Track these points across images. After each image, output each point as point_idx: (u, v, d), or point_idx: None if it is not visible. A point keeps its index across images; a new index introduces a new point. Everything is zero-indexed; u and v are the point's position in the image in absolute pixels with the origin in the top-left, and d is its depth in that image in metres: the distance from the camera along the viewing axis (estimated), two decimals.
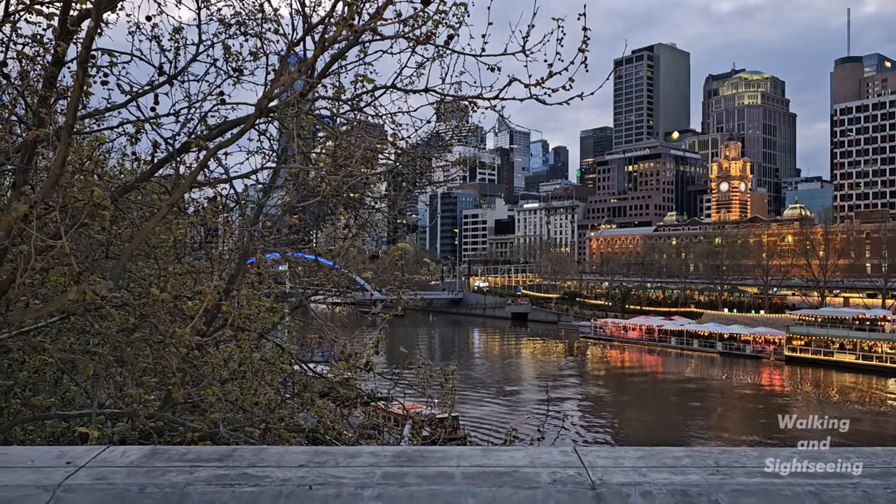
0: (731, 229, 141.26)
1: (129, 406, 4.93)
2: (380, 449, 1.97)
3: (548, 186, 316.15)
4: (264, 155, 5.51)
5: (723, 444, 43.77)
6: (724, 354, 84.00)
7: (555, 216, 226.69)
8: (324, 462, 1.80)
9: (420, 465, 1.81)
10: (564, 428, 42.81)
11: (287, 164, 6.61)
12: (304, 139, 6.22)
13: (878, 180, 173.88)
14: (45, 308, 4.09)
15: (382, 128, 6.69)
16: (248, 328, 6.31)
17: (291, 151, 6.40)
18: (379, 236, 7.96)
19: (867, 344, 73.24)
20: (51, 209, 3.77)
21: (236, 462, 1.80)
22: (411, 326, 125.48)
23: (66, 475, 1.73)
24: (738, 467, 1.85)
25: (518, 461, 1.85)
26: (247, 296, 5.75)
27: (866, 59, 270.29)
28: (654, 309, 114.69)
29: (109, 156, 7.40)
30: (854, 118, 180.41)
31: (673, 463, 1.86)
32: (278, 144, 6.65)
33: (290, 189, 8.03)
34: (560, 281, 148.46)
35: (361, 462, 1.81)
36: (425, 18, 3.85)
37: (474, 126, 10.70)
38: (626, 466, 1.84)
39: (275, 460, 1.83)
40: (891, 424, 51.11)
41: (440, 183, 8.86)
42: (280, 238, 9.50)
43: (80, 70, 3.09)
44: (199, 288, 5.97)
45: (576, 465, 1.84)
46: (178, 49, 5.80)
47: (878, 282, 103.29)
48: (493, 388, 62.36)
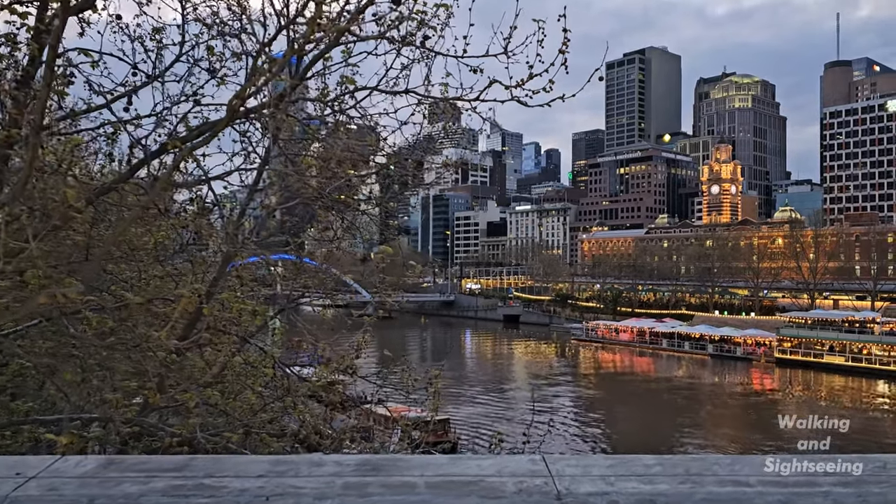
0: (721, 232, 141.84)
1: (106, 411, 4.86)
2: (344, 458, 1.92)
3: (540, 188, 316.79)
4: (245, 157, 5.45)
5: (713, 446, 43.89)
6: (714, 356, 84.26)
7: (547, 218, 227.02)
8: (284, 472, 1.75)
9: (384, 474, 1.76)
10: (552, 430, 42.82)
11: (269, 166, 6.55)
12: (286, 141, 6.16)
13: (867, 183, 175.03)
14: (18, 311, 4.02)
15: (373, 130, 6.65)
16: (230, 331, 6.25)
17: (275, 153, 6.34)
18: (367, 238, 7.89)
19: (856, 346, 73.62)
20: (25, 212, 3.70)
21: (193, 472, 1.75)
22: (403, 329, 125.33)
23: (14, 487, 1.66)
24: (708, 475, 1.81)
25: (485, 470, 1.81)
26: (228, 299, 5.68)
27: (856, 63, 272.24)
28: (646, 311, 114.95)
29: (95, 158, 7.31)
30: (843, 121, 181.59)
31: (643, 471, 1.82)
32: (261, 147, 6.59)
33: (275, 191, 7.98)
34: (552, 283, 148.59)
35: (323, 472, 1.76)
36: (401, 18, 3.81)
37: (466, 129, 10.68)
38: (594, 475, 1.79)
39: (233, 470, 1.77)
40: (880, 426, 51.38)
41: (429, 185, 8.84)
42: (263, 241, 9.42)
43: (47, 70, 3.03)
44: (178, 291, 5.90)
45: (543, 474, 1.79)
46: (160, 50, 5.74)
47: (867, 284, 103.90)
48: (484, 389, 62.31)
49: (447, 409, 47.36)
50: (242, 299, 6.09)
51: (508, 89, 4.18)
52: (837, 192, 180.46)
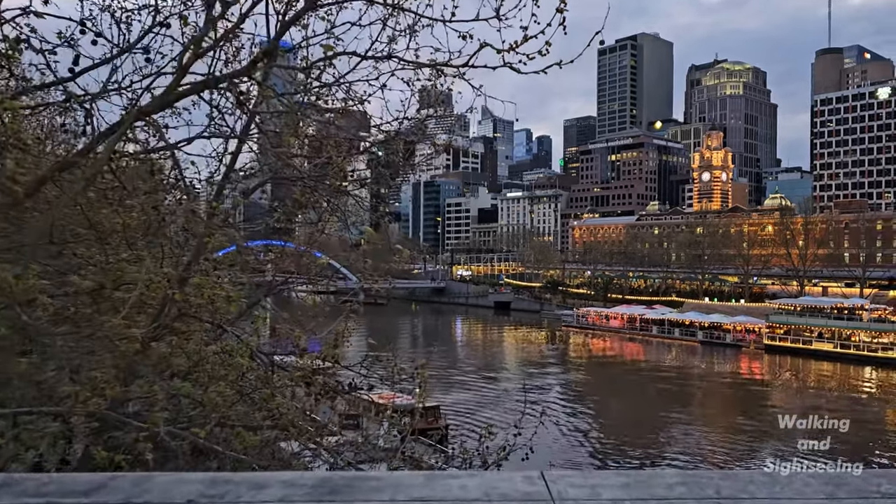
0: (712, 219, 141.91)
1: (65, 405, 4.49)
2: (298, 476, 1.56)
3: (531, 175, 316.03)
4: (213, 129, 5.05)
5: (702, 432, 43.94)
6: (704, 343, 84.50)
7: (538, 205, 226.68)
8: (220, 495, 1.40)
9: (346, 497, 1.42)
10: (544, 421, 42.68)
11: (248, 142, 6.16)
12: (262, 114, 5.78)
13: (857, 171, 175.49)
14: None
15: (360, 104, 6.28)
16: (202, 318, 5.87)
17: (253, 130, 5.94)
18: (353, 222, 7.53)
19: (845, 333, 73.96)
20: None
21: (110, 495, 1.39)
22: (394, 315, 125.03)
23: None
24: (745, 499, 1.47)
25: (470, 492, 1.46)
26: (201, 284, 5.29)
27: (847, 51, 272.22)
28: (636, 298, 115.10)
29: (60, 133, 6.88)
30: (834, 109, 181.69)
31: (664, 493, 1.47)
32: (239, 123, 6.17)
33: (256, 170, 7.56)
34: (543, 270, 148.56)
35: (269, 496, 1.40)
36: None
37: (458, 116, 10.31)
38: (604, 499, 1.45)
39: (159, 492, 1.42)
40: (869, 413, 51.60)
41: (416, 164, 8.44)
42: (253, 227, 9.00)
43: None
44: (137, 275, 5.51)
45: (542, 496, 1.45)
46: (130, 20, 5.32)
47: (856, 271, 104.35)
48: (474, 376, 62.18)
49: (437, 396, 47.17)
50: (219, 284, 5.72)
51: (501, 54, 3.81)
52: (827, 180, 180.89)
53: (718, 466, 35.71)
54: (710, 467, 35.32)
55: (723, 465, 36.10)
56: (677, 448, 39.31)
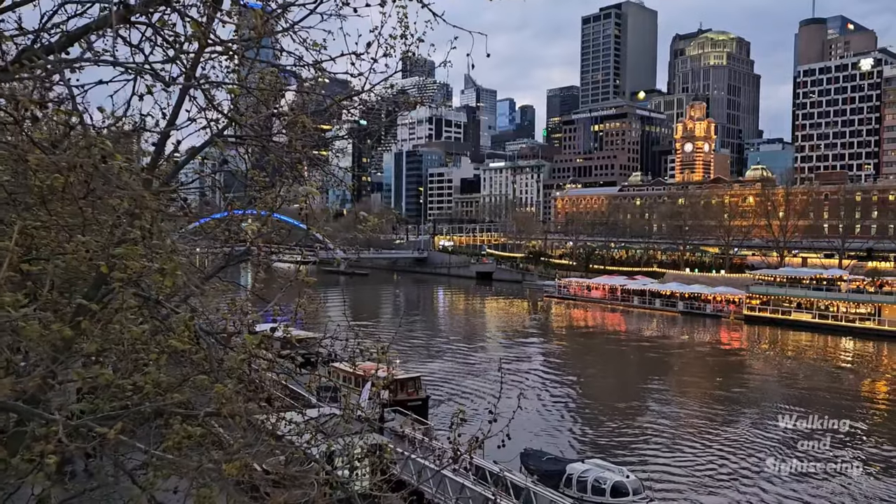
0: (694, 190, 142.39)
1: None
2: None
3: (514, 145, 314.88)
4: (139, 72, 4.29)
5: (680, 400, 44.07)
6: (685, 314, 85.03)
7: (521, 175, 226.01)
8: None
9: None
10: (521, 398, 42.52)
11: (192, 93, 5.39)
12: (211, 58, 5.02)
13: (837, 142, 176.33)
14: None
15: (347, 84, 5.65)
16: (138, 293, 5.17)
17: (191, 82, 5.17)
18: (329, 186, 6.85)
19: (823, 303, 74.65)
20: None
21: None
22: (375, 285, 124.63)
23: None
24: None
25: None
26: (127, 254, 4.56)
27: (830, 21, 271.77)
28: (618, 268, 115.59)
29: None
30: (816, 80, 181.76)
31: None
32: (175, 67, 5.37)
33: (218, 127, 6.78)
34: (525, 240, 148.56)
35: None
36: None
37: (440, 84, 9.60)
38: None
39: None
40: (845, 381, 52.17)
41: (384, 121, 7.74)
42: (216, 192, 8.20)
43: None
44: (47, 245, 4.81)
45: None
46: None
47: (835, 242, 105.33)
48: (456, 346, 62.01)
49: (418, 366, 46.86)
50: (155, 254, 5.00)
51: None
52: (808, 151, 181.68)
53: (696, 433, 35.82)
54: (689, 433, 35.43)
55: (700, 432, 36.23)
56: (656, 417, 39.37)
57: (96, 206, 5.09)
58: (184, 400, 5.05)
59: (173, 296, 5.56)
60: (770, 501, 27.63)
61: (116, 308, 4.50)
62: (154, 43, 4.72)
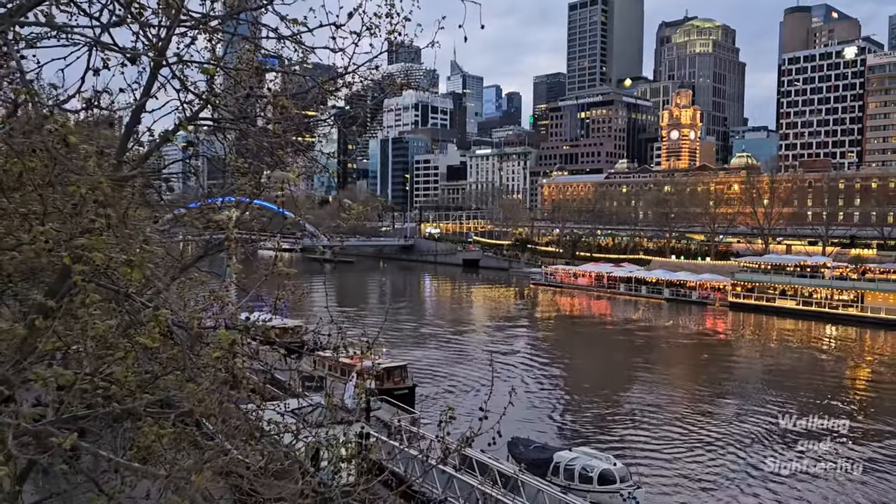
0: (679, 177, 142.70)
1: None
2: None
3: (500, 132, 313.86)
4: (94, 45, 3.95)
5: (665, 385, 44.23)
6: (670, 301, 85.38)
7: (507, 162, 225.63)
8: None
9: None
10: (512, 380, 42.46)
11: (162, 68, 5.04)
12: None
13: (821, 130, 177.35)
14: None
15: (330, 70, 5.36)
16: (104, 285, 4.85)
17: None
18: (313, 172, 6.54)
19: (807, 290, 75.19)
20: None
21: None
22: (362, 273, 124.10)
23: None
24: None
25: None
26: (90, 244, 4.24)
27: (815, 10, 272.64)
28: (604, 256, 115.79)
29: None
30: (801, 68, 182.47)
31: None
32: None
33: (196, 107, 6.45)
34: (512, 228, 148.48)
35: None
36: None
37: (427, 70, 9.28)
38: None
39: None
40: (827, 367, 52.61)
41: (369, 104, 7.44)
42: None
43: None
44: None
45: None
46: None
47: (819, 229, 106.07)
48: (443, 334, 61.83)
49: (405, 354, 46.62)
50: (121, 245, 4.67)
51: None
52: (793, 139, 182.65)
53: (681, 419, 35.97)
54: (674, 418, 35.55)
55: (685, 418, 36.38)
56: (642, 404, 39.45)
57: (56, 193, 4.75)
58: (155, 400, 4.75)
59: (146, 289, 5.24)
60: (754, 485, 27.79)
61: (80, 303, 4.18)
62: (112, 12, 4.37)
